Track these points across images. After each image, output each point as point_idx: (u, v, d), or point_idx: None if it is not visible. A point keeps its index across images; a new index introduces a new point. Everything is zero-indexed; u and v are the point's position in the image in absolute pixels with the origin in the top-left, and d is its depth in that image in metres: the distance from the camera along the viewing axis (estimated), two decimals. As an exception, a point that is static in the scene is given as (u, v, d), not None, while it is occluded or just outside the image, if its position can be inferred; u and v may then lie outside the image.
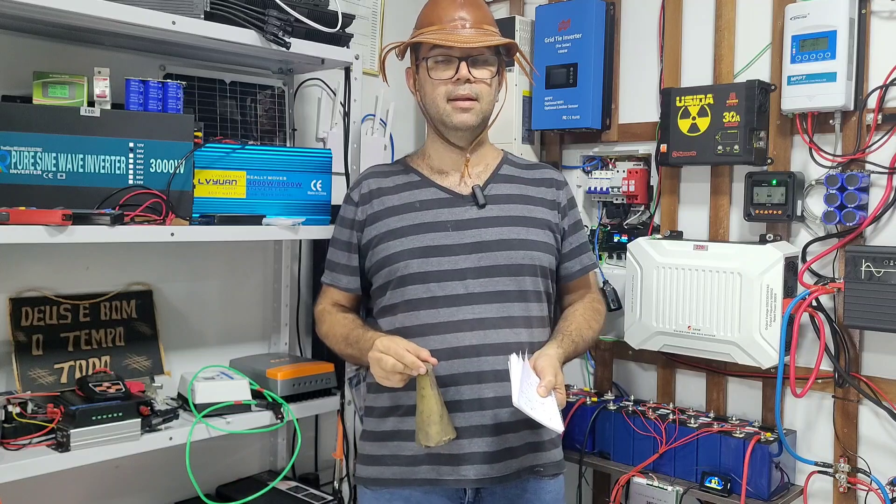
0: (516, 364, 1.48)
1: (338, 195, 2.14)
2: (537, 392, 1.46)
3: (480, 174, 1.76)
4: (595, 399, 2.23)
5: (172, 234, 1.73)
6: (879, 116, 1.88)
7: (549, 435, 1.69)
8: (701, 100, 2.06)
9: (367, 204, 1.75)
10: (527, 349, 1.63)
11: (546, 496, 1.70)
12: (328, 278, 1.82)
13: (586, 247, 1.81)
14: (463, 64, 1.65)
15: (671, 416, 2.07)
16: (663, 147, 2.13)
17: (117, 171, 1.73)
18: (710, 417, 2.09)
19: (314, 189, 2.07)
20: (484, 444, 1.60)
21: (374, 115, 2.58)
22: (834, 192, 1.90)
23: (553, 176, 1.81)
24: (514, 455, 1.63)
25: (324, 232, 2.07)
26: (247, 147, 1.97)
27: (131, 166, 1.75)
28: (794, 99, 1.94)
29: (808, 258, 1.99)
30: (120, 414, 1.69)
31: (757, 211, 2.02)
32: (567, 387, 2.35)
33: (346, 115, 2.12)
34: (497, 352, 1.61)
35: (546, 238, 1.72)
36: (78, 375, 1.88)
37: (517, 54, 1.76)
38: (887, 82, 1.86)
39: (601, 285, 2.32)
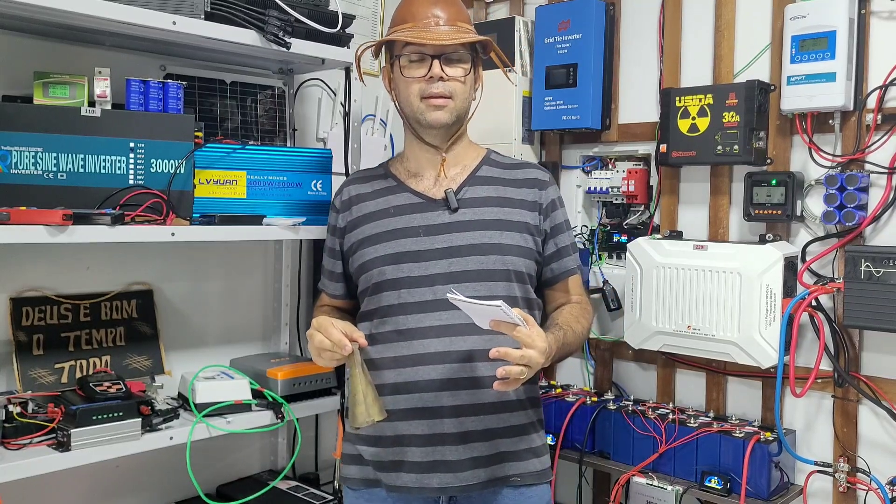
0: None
1: (338, 195, 2.15)
2: (491, 324, 1.43)
3: (457, 176, 1.70)
4: (595, 399, 2.23)
5: (173, 234, 1.74)
6: (879, 116, 1.88)
7: (529, 444, 1.64)
8: (700, 100, 2.06)
9: (347, 211, 1.74)
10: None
11: (527, 502, 1.64)
12: (321, 284, 1.84)
13: (569, 250, 1.74)
14: (436, 62, 1.61)
15: (671, 416, 2.07)
16: (663, 147, 2.13)
17: (118, 171, 1.74)
18: (709, 417, 2.09)
19: (314, 189, 2.07)
20: (448, 453, 1.57)
21: (375, 115, 2.58)
22: (833, 192, 1.90)
23: (536, 176, 1.73)
24: (481, 465, 1.58)
25: (324, 232, 2.07)
26: (247, 147, 1.98)
27: (132, 166, 1.75)
28: (794, 99, 1.94)
29: (808, 258, 1.99)
30: (120, 413, 1.69)
31: (756, 211, 2.02)
32: (567, 386, 2.37)
33: (347, 115, 2.13)
34: (463, 359, 1.57)
35: (523, 242, 1.65)
36: (78, 375, 1.88)
37: (492, 50, 1.72)
38: (887, 82, 1.86)
39: (601, 285, 2.32)
